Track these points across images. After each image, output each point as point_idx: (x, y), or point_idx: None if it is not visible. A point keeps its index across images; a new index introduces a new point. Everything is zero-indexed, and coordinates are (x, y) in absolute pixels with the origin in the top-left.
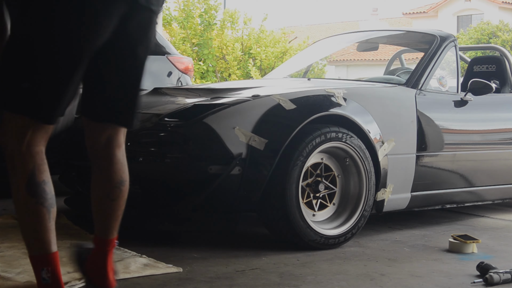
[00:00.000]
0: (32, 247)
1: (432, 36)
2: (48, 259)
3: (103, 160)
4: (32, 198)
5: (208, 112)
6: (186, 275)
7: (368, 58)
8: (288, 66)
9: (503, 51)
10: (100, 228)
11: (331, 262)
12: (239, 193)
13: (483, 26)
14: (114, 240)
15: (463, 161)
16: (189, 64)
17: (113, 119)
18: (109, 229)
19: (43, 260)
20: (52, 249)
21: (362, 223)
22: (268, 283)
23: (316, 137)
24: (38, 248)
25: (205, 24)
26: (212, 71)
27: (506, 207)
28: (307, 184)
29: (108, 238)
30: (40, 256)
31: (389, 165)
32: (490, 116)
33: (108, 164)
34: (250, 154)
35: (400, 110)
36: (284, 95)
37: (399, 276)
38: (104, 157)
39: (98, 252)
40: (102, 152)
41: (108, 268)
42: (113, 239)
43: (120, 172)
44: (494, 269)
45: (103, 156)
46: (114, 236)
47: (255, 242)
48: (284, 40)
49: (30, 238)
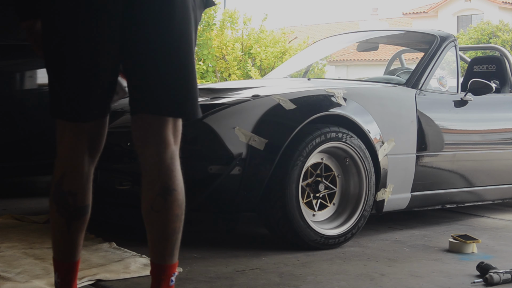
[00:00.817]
0: (53, 249)
1: (432, 36)
2: (60, 266)
3: (144, 163)
4: (53, 204)
5: (208, 112)
6: (186, 275)
7: (368, 58)
8: (288, 66)
9: (503, 51)
10: (151, 250)
11: (331, 262)
12: (239, 193)
13: (483, 26)
14: (169, 267)
15: (463, 161)
16: None
17: (152, 107)
18: (159, 251)
19: (56, 265)
20: (66, 259)
21: (362, 223)
22: (268, 283)
23: (316, 137)
24: (55, 252)
25: (204, 25)
26: (212, 71)
27: (506, 207)
28: (307, 184)
29: (159, 263)
30: (55, 260)
31: (389, 165)
32: (490, 116)
33: (149, 167)
34: (250, 154)
35: (400, 110)
36: (284, 95)
37: (399, 276)
38: (145, 158)
39: (152, 280)
40: (143, 153)
41: None
42: (167, 265)
43: (165, 178)
44: (494, 269)
45: (145, 158)
46: (169, 263)
47: (255, 242)
48: (284, 40)
49: (52, 240)
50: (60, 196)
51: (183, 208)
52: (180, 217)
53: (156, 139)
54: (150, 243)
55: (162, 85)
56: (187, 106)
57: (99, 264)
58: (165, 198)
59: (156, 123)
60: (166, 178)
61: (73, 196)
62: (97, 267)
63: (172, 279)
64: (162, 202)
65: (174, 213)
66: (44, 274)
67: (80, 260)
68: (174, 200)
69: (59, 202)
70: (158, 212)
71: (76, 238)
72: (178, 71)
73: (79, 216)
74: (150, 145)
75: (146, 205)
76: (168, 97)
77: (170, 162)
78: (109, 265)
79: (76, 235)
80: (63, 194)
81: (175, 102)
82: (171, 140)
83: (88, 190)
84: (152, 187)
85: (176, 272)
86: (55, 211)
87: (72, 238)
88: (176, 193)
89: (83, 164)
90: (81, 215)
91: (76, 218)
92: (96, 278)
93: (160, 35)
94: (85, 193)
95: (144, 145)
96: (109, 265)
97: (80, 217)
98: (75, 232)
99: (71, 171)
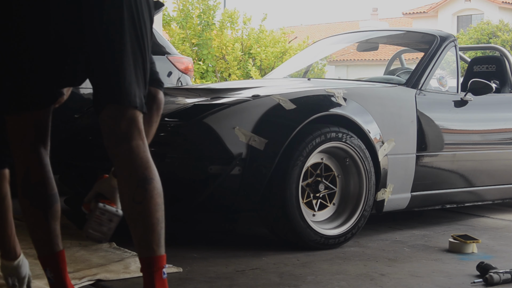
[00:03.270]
0: (35, 248)
1: (432, 36)
2: (49, 260)
3: (117, 160)
4: (26, 199)
5: (208, 112)
6: (186, 275)
7: (368, 58)
8: (288, 66)
9: (503, 51)
10: (138, 245)
11: (331, 262)
12: (239, 193)
13: (483, 26)
14: (159, 259)
15: (463, 161)
16: (189, 64)
17: (103, 97)
18: (147, 244)
19: (45, 261)
20: (53, 250)
21: (362, 223)
22: (268, 283)
23: (316, 137)
24: (39, 249)
25: (204, 24)
26: (212, 71)
27: (506, 207)
28: (307, 184)
29: (149, 256)
30: (42, 257)
31: (389, 165)
32: (490, 116)
33: (123, 163)
34: (250, 154)
35: (400, 110)
36: (284, 95)
37: (399, 276)
38: (116, 156)
39: (144, 277)
40: (113, 148)
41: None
42: (157, 257)
43: (141, 169)
44: (494, 269)
45: (116, 156)
46: (159, 254)
47: (255, 242)
48: (284, 40)
49: (32, 238)
50: (31, 189)
51: (162, 197)
52: (161, 206)
53: (119, 135)
54: (136, 238)
55: (102, 75)
56: (122, 91)
57: (99, 264)
58: (145, 188)
59: (111, 119)
60: (142, 169)
61: (42, 186)
62: (97, 267)
63: (164, 271)
64: (143, 192)
65: (155, 202)
66: (44, 274)
67: (80, 260)
68: (154, 189)
69: (31, 195)
70: (140, 203)
71: (55, 227)
72: (113, 60)
73: (52, 204)
74: (115, 141)
75: (127, 199)
76: (106, 85)
77: (143, 154)
78: (109, 265)
79: (54, 224)
80: (32, 187)
81: (116, 87)
82: (136, 135)
83: (52, 179)
84: (130, 180)
85: (166, 264)
86: (29, 205)
87: (51, 228)
88: (154, 182)
89: (42, 155)
90: (53, 203)
91: (50, 206)
92: (96, 278)
93: (93, 25)
94: (51, 182)
95: (111, 144)
96: (109, 265)
97: (53, 204)
98: (52, 221)
99: (34, 163)
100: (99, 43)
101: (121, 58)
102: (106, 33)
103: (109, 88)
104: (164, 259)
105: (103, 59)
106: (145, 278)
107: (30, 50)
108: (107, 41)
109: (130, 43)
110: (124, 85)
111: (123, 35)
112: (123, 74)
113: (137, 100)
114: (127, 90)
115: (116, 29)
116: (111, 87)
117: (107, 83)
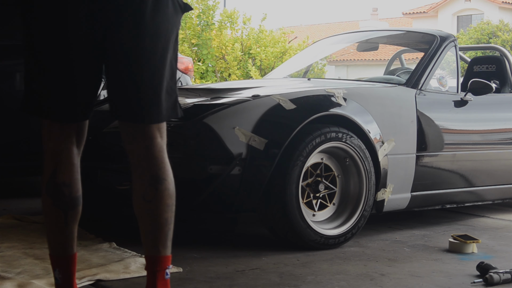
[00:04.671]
0: (49, 246)
1: (432, 36)
2: (61, 261)
3: (134, 158)
4: (49, 198)
5: (208, 112)
6: (186, 275)
7: (368, 58)
8: (288, 66)
9: (503, 51)
10: (145, 242)
11: (331, 262)
12: (239, 193)
13: (483, 26)
14: (164, 259)
15: (463, 161)
16: (189, 64)
17: (125, 115)
18: (153, 243)
19: (56, 261)
20: (66, 252)
21: (362, 223)
22: (268, 283)
23: (316, 137)
24: (53, 248)
25: (203, 24)
26: (212, 71)
27: (506, 207)
28: (307, 184)
29: (154, 255)
30: (53, 256)
31: (389, 165)
32: (490, 116)
33: (138, 161)
34: (250, 154)
35: (400, 110)
36: (284, 95)
37: (399, 276)
38: (134, 153)
39: (148, 275)
40: (132, 149)
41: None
42: (161, 257)
43: (155, 168)
44: (494, 269)
45: (133, 153)
46: (163, 254)
47: (255, 242)
48: (283, 40)
49: (48, 237)
50: (55, 188)
51: (173, 198)
52: (171, 208)
53: (142, 136)
54: (143, 235)
55: (134, 93)
56: (153, 113)
57: (99, 264)
58: (156, 188)
59: (139, 125)
60: (156, 169)
61: (68, 187)
62: (97, 267)
63: (167, 272)
64: (154, 192)
65: (165, 202)
66: (44, 274)
67: (80, 260)
68: (165, 189)
69: (55, 194)
70: (149, 202)
71: (73, 230)
72: (149, 77)
73: (74, 206)
74: (137, 141)
75: (138, 196)
76: (139, 106)
77: (158, 154)
78: (109, 265)
79: (72, 227)
80: (58, 187)
81: (145, 110)
82: (157, 135)
83: (79, 181)
84: (143, 178)
85: (170, 265)
86: (51, 205)
87: (69, 230)
88: (166, 183)
89: (73, 156)
90: (75, 205)
91: (72, 208)
92: (96, 278)
93: (131, 39)
94: (77, 184)
95: (131, 142)
96: (109, 265)
97: (75, 207)
98: (71, 223)
99: (63, 163)
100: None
101: (162, 78)
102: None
103: (133, 109)
104: (169, 260)
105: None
106: (149, 277)
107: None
108: (149, 59)
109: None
110: (149, 108)
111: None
112: (159, 95)
113: (164, 114)
114: (156, 110)
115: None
116: (137, 110)
117: (131, 103)
